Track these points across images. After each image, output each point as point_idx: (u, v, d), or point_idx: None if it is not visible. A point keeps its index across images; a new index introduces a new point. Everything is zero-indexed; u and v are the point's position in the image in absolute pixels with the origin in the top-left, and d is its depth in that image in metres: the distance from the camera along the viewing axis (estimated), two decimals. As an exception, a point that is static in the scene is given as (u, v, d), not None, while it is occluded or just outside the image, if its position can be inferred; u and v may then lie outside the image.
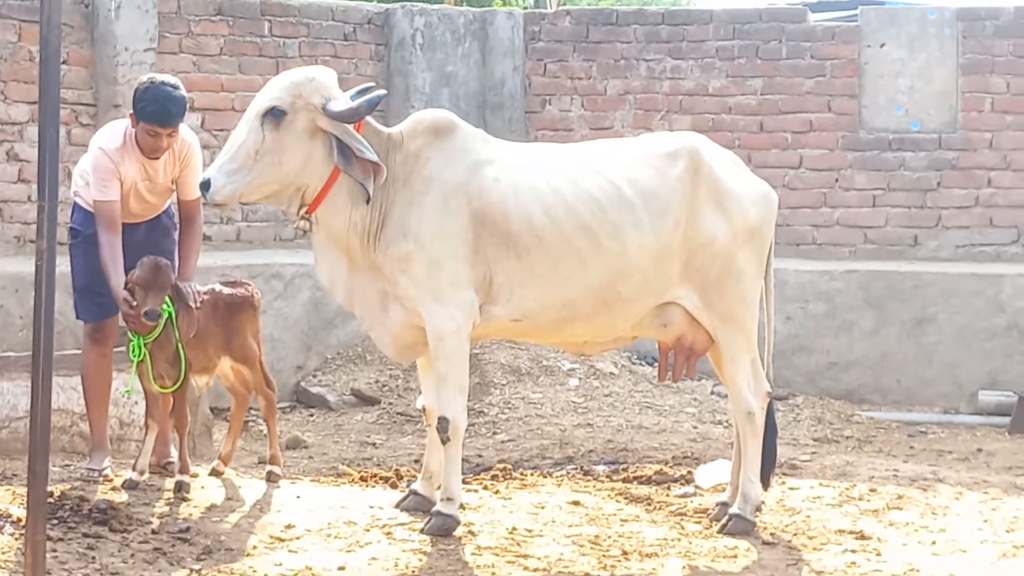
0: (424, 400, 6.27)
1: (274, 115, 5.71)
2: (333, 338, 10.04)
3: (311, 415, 9.46)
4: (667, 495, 6.72)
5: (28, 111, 9.23)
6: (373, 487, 6.74)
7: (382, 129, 5.96)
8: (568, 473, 7.33)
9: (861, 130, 10.75)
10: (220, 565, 5.31)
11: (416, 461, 7.56)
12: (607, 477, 7.18)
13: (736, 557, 5.72)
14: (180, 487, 6.06)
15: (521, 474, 7.18)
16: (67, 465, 6.50)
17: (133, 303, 5.91)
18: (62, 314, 6.16)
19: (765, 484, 6.29)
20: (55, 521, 5.41)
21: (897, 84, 10.72)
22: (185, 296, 6.03)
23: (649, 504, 6.52)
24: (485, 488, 6.73)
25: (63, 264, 5.40)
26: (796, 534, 6.06)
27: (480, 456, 7.96)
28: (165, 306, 5.99)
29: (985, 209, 10.64)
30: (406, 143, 5.92)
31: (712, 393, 9.61)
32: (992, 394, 9.89)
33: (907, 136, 10.69)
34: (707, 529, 6.11)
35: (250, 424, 8.37)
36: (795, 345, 10.12)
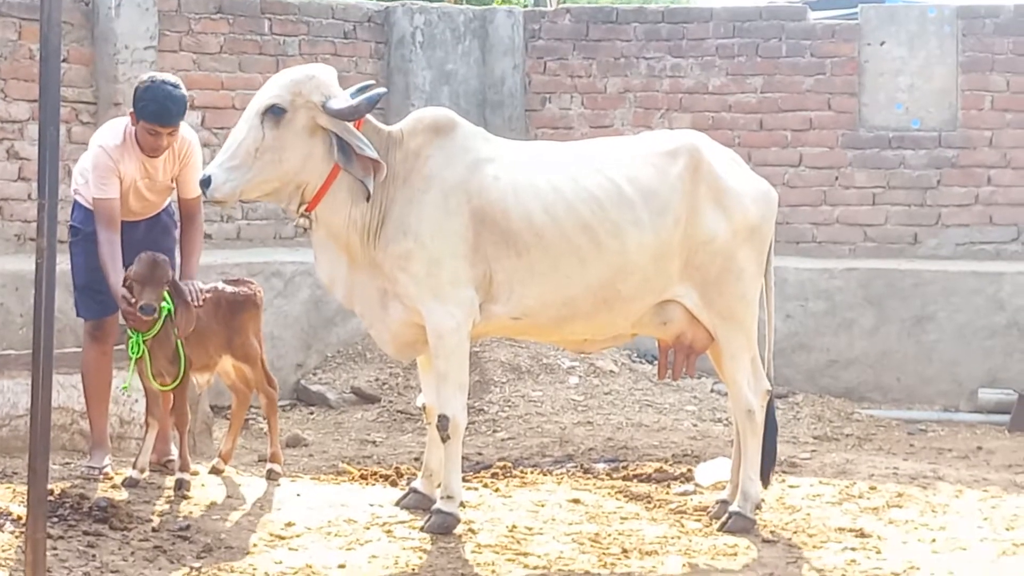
0: (424, 398, 6.27)
1: (274, 113, 5.71)
2: (333, 336, 10.03)
3: (311, 413, 9.45)
4: (667, 493, 6.72)
5: (28, 109, 9.22)
6: (373, 485, 6.74)
7: (382, 127, 5.96)
8: (568, 471, 7.33)
9: (861, 128, 10.75)
10: (220, 563, 5.31)
11: (416, 459, 7.55)
12: (607, 475, 7.18)
13: (736, 555, 5.72)
14: (180, 485, 6.06)
15: (521, 472, 7.18)
16: (67, 463, 6.50)
17: (132, 300, 5.92)
18: (62, 312, 6.15)
19: (765, 482, 6.29)
20: (55, 519, 5.41)
21: (897, 82, 10.72)
22: (183, 293, 6.03)
23: (649, 502, 6.52)
24: (485, 486, 6.73)
25: (63, 262, 5.39)
26: (796, 532, 6.06)
27: (480, 454, 7.95)
28: (164, 303, 5.99)
29: (985, 207, 10.64)
30: (406, 141, 5.92)
31: (712, 391, 9.60)
32: (992, 392, 9.89)
33: (907, 134, 10.69)
34: (707, 527, 6.10)
35: (250, 422, 8.37)
36: (795, 343, 10.12)
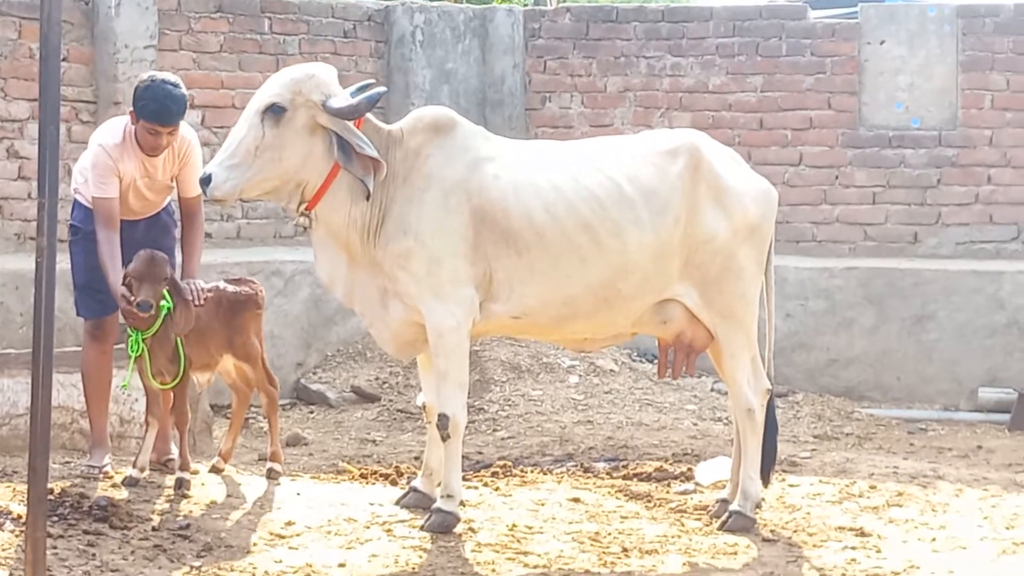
0: (424, 397, 6.27)
1: (274, 111, 5.71)
2: (333, 335, 10.03)
3: (311, 412, 9.45)
4: (667, 492, 6.71)
5: (28, 108, 9.22)
6: (373, 484, 6.74)
7: (382, 126, 5.96)
8: (568, 470, 7.33)
9: (861, 127, 10.75)
10: (220, 562, 5.31)
11: (416, 458, 7.55)
12: (607, 474, 7.18)
13: (736, 554, 5.72)
14: (180, 484, 6.06)
15: (521, 471, 7.18)
16: (67, 462, 6.49)
17: (131, 298, 5.91)
18: (62, 311, 6.15)
19: (766, 481, 6.29)
20: (55, 518, 5.41)
21: (897, 81, 10.72)
22: (182, 291, 6.02)
23: (649, 501, 6.52)
24: (485, 485, 6.73)
25: (63, 261, 5.39)
26: (796, 531, 6.06)
27: (480, 453, 7.96)
28: (164, 302, 5.99)
29: (985, 206, 10.64)
30: (406, 140, 5.92)
31: (712, 390, 9.60)
32: (992, 391, 9.89)
33: (907, 133, 10.70)
34: (707, 526, 6.10)
35: (250, 421, 8.37)
36: (795, 342, 10.12)
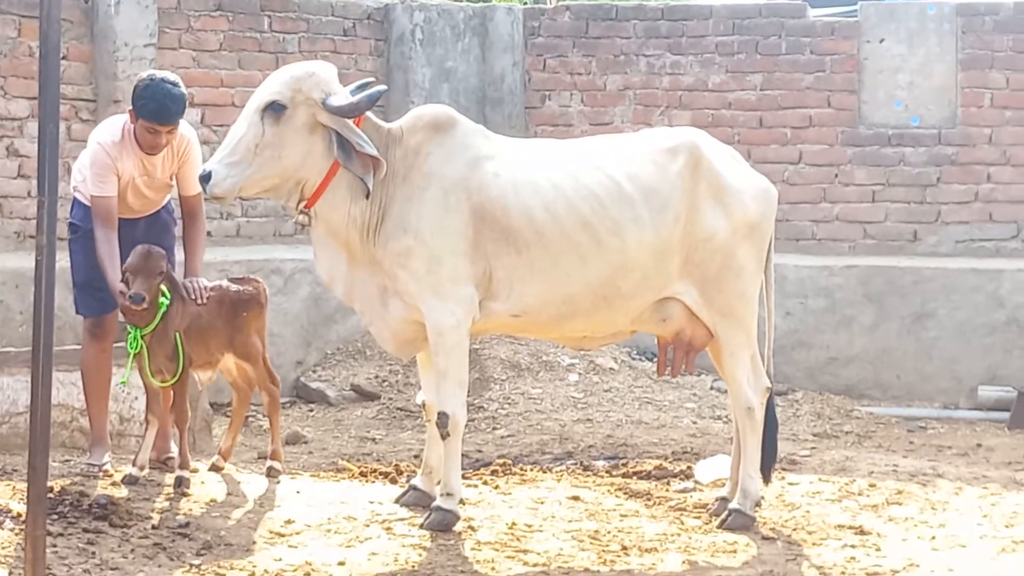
0: (424, 395, 6.27)
1: (274, 109, 5.71)
2: (333, 333, 10.03)
3: (311, 410, 9.45)
4: (667, 490, 6.72)
5: (28, 107, 9.22)
6: (373, 482, 6.74)
7: (382, 124, 5.96)
8: (568, 468, 7.33)
9: (861, 125, 10.75)
10: (220, 560, 5.31)
11: (416, 456, 7.55)
12: (607, 472, 7.18)
13: (736, 552, 5.72)
14: (180, 482, 6.06)
15: (521, 469, 7.18)
16: (67, 460, 6.49)
17: (126, 292, 5.91)
18: (62, 309, 6.16)
19: (767, 478, 6.29)
20: (55, 516, 5.41)
21: (896, 79, 10.72)
22: (178, 287, 6.01)
23: (649, 499, 6.52)
24: (485, 483, 6.73)
25: (63, 259, 5.39)
26: (796, 529, 6.06)
27: (480, 451, 7.95)
28: (163, 299, 5.98)
29: (984, 204, 10.64)
30: (406, 138, 5.92)
31: (712, 388, 9.60)
32: (991, 389, 9.89)
33: (906, 131, 10.69)
34: (707, 524, 6.11)
35: (250, 419, 8.36)
36: (795, 340, 10.12)
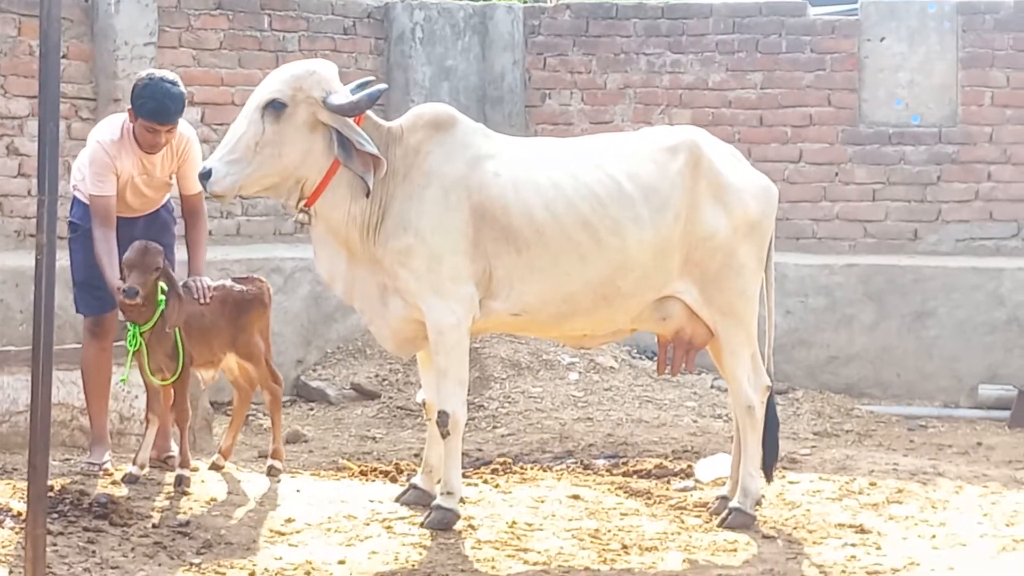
0: (424, 394, 6.27)
1: (274, 107, 5.71)
2: (333, 332, 10.03)
3: (311, 409, 9.45)
4: (667, 489, 6.71)
5: (28, 105, 9.21)
6: (373, 481, 6.74)
7: (382, 123, 5.96)
8: (568, 467, 7.33)
9: (861, 124, 10.75)
10: (220, 559, 5.31)
11: (416, 455, 7.55)
12: (607, 471, 7.18)
13: (736, 551, 5.72)
14: (180, 481, 6.06)
15: (521, 468, 7.18)
16: (67, 459, 6.49)
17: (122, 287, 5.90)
18: (62, 308, 6.15)
19: (768, 477, 6.29)
20: (55, 515, 5.41)
21: (897, 78, 10.71)
22: (174, 283, 6.00)
23: (649, 498, 6.52)
24: (485, 482, 6.73)
25: (63, 258, 5.39)
26: (796, 528, 6.06)
27: (480, 450, 7.95)
28: (162, 296, 5.98)
29: (985, 203, 10.64)
30: (406, 137, 5.92)
31: (712, 387, 9.60)
32: (992, 388, 9.89)
33: (907, 130, 10.69)
34: (707, 523, 6.11)
35: (250, 418, 8.36)
36: (795, 339, 10.11)
